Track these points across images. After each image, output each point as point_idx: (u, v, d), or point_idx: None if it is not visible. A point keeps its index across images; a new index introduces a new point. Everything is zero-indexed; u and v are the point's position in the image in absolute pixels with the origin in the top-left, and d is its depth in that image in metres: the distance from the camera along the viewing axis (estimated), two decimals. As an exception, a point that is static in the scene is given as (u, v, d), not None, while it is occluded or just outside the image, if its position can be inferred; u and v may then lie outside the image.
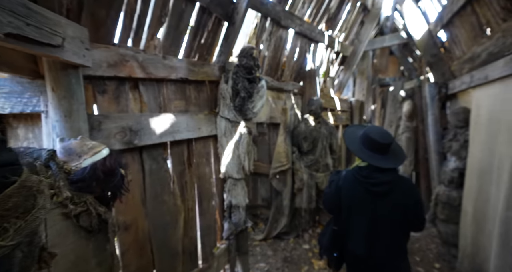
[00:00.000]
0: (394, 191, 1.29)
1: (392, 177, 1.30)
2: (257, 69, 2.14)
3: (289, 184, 3.09)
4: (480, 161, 2.18)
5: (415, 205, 1.31)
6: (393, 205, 1.29)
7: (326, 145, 3.04)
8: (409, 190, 1.33)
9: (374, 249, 1.33)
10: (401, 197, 1.29)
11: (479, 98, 2.24)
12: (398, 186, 1.30)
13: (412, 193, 1.33)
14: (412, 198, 1.31)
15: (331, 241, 1.49)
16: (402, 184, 1.32)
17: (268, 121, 3.05)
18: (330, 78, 3.99)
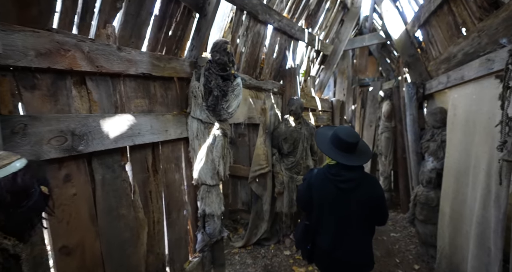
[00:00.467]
0: (360, 187, 1.39)
1: (358, 175, 1.40)
2: (232, 65, 1.98)
3: (269, 188, 2.97)
4: (457, 161, 2.19)
5: (379, 200, 1.42)
6: (359, 201, 1.39)
7: (307, 147, 2.96)
8: (373, 186, 1.43)
9: (341, 243, 1.43)
10: (366, 193, 1.39)
11: (456, 98, 2.25)
12: (364, 183, 1.40)
13: (376, 189, 1.43)
14: (376, 194, 1.42)
15: (304, 235, 1.58)
16: (367, 181, 1.43)
17: (246, 121, 2.91)
18: (311, 77, 3.93)
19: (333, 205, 1.43)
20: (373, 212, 1.42)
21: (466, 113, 2.08)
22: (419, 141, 2.89)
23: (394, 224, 3.79)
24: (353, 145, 1.40)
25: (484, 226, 1.83)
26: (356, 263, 1.47)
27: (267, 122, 2.92)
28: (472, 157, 2.02)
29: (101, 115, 1.24)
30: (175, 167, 1.88)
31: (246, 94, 2.65)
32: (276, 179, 2.93)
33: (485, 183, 1.82)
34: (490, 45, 1.72)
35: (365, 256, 1.48)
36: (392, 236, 3.31)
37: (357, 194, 1.39)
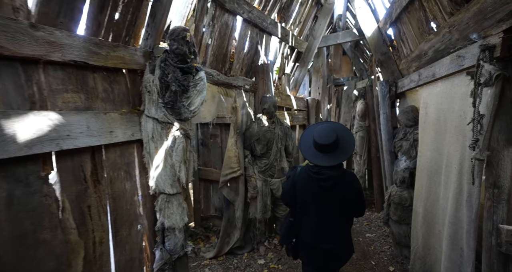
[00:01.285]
0: (339, 183, 1.50)
1: (338, 172, 1.49)
2: (193, 57, 1.76)
3: (242, 193, 2.78)
4: (430, 160, 2.19)
5: (358, 195, 1.55)
6: (340, 196, 1.50)
7: (282, 148, 2.82)
8: (352, 182, 1.55)
9: (324, 236, 1.55)
10: (346, 189, 1.51)
11: (427, 96, 2.25)
12: (343, 179, 1.52)
13: (355, 184, 1.55)
14: (355, 189, 1.54)
15: (288, 231, 1.68)
16: (346, 177, 1.54)
17: (215, 121, 2.69)
18: (286, 75, 3.82)
19: (315, 201, 1.53)
20: (352, 205, 1.54)
21: (438, 111, 2.07)
22: (392, 140, 2.89)
23: (369, 223, 3.82)
24: (328, 146, 1.48)
25: (456, 226, 1.82)
26: (339, 253, 1.61)
27: (239, 122, 2.73)
28: (444, 156, 2.01)
29: (3, 112, 0.95)
30: (125, 175, 1.62)
31: (214, 91, 2.44)
32: (249, 183, 2.75)
33: (457, 182, 1.81)
34: (460, 41, 1.70)
35: (346, 246, 1.62)
36: (368, 237, 3.31)
37: (337, 190, 1.49)
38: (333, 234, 1.55)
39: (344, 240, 1.60)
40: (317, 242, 1.55)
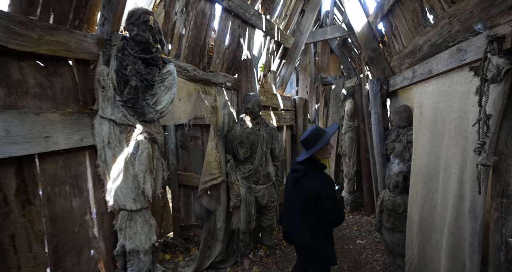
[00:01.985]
0: (303, 178, 1.61)
1: (305, 167, 1.62)
2: (160, 46, 1.49)
3: (224, 202, 2.52)
4: (426, 164, 2.03)
5: (318, 195, 1.53)
6: (301, 190, 1.60)
7: (267, 151, 2.59)
8: (313, 180, 1.58)
9: (292, 226, 1.71)
10: (306, 184, 1.59)
11: (422, 95, 2.10)
12: (307, 175, 1.60)
13: (316, 183, 1.56)
14: (314, 188, 1.54)
15: (281, 214, 1.90)
16: (310, 174, 1.60)
17: (192, 122, 2.42)
18: (272, 73, 3.59)
19: (290, 193, 1.72)
20: (313, 205, 1.56)
21: (434, 111, 1.92)
22: (384, 142, 2.74)
23: (359, 228, 3.68)
24: (304, 143, 1.66)
25: (457, 237, 1.66)
26: (306, 248, 1.71)
27: (219, 123, 2.47)
28: (441, 160, 1.86)
29: None
30: (71, 190, 1.32)
31: (190, 88, 2.16)
32: (231, 191, 2.49)
33: (457, 189, 1.65)
34: (462, 33, 1.53)
35: (314, 245, 1.65)
36: (359, 244, 3.15)
37: (301, 184, 1.61)
38: (298, 227, 1.69)
39: (305, 235, 1.65)
40: (287, 229, 1.76)
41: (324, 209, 1.52)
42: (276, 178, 2.74)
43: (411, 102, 2.42)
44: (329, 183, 1.57)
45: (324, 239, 1.63)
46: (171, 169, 3.53)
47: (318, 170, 1.63)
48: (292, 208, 1.69)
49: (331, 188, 1.56)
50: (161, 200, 3.51)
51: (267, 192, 2.58)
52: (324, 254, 1.64)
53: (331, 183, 1.59)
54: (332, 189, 1.56)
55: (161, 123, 1.89)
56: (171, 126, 3.47)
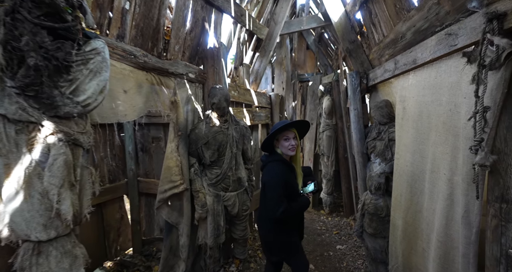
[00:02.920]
0: (263, 170, 1.73)
1: (265, 158, 1.75)
2: (81, 13, 1.11)
3: (188, 213, 2.17)
4: (410, 164, 1.86)
5: (264, 186, 1.66)
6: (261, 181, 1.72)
7: (238, 153, 2.28)
8: (266, 172, 1.69)
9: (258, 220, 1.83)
10: (263, 177, 1.71)
11: (405, 88, 1.94)
12: (266, 167, 1.71)
13: (266, 174, 1.68)
14: (264, 179, 1.68)
15: None
16: (268, 166, 1.69)
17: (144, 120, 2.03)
18: (244, 66, 3.29)
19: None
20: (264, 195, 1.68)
21: (419, 105, 1.75)
22: (364, 140, 2.57)
23: (339, 231, 3.52)
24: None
25: (447, 246, 1.49)
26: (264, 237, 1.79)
27: (181, 121, 2.11)
28: (427, 159, 1.69)
29: None
30: None
31: (140, 78, 1.78)
32: (196, 200, 2.15)
33: (446, 192, 1.48)
34: (452, 15, 1.36)
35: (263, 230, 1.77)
36: (339, 250, 2.97)
37: (262, 176, 1.73)
38: (260, 218, 1.79)
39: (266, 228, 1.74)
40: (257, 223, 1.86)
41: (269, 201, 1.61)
42: (249, 183, 2.45)
43: (392, 96, 2.27)
44: (277, 175, 1.60)
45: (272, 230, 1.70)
46: (130, 176, 3.08)
47: (276, 163, 1.66)
48: (260, 200, 1.78)
49: (276, 181, 1.58)
50: (118, 212, 3.04)
51: (239, 199, 2.28)
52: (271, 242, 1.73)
53: (279, 176, 1.60)
54: (277, 182, 1.58)
55: (99, 120, 1.50)
56: (128, 126, 3.02)
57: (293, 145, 1.66)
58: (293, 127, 1.69)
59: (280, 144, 1.69)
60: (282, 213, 1.54)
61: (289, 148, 1.66)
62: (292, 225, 1.72)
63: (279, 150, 1.71)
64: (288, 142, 1.66)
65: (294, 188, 1.67)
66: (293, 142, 1.66)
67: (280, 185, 1.57)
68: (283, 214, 1.55)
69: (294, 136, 1.68)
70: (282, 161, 1.66)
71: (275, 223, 1.66)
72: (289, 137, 1.66)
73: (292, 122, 1.69)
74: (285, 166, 1.66)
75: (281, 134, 1.68)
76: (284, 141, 1.67)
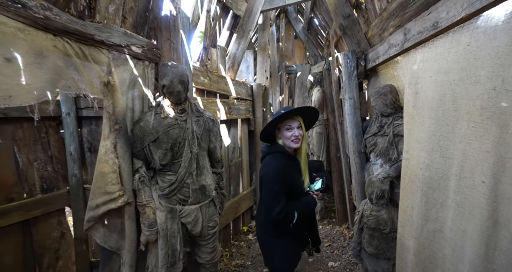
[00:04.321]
0: (262, 163, 1.52)
1: (265, 150, 1.54)
2: None
3: (131, 235, 1.64)
4: (426, 167, 1.41)
5: (261, 180, 1.45)
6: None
7: (201, 153, 1.77)
8: (263, 165, 1.48)
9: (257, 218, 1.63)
10: (260, 170, 1.49)
11: (418, 66, 1.49)
12: (265, 159, 1.51)
13: (263, 168, 1.47)
14: (261, 172, 1.46)
15: None
16: (267, 158, 1.50)
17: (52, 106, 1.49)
18: (219, 49, 2.77)
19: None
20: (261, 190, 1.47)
21: (440, 86, 1.30)
22: (362, 136, 2.12)
23: (331, 243, 3.08)
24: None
25: (488, 285, 1.05)
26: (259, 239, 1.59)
27: (119, 110, 1.57)
28: (453, 161, 1.24)
29: None
30: None
31: (40, 44, 1.23)
32: (142, 218, 1.62)
33: (487, 208, 1.04)
34: None
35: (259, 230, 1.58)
36: (331, 268, 2.52)
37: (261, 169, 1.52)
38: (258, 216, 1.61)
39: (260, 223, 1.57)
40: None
41: (264, 197, 1.44)
42: (218, 192, 1.94)
43: (398, 80, 1.82)
44: (276, 168, 1.40)
45: (269, 231, 1.50)
46: (73, 183, 2.49)
47: (276, 155, 1.46)
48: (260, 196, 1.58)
49: (276, 174, 1.38)
50: (56, 229, 2.45)
51: (203, 214, 1.76)
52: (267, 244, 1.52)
53: (279, 169, 1.40)
54: (276, 176, 1.38)
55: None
56: (69, 120, 2.43)
57: (297, 136, 1.43)
58: (297, 115, 1.45)
59: (282, 134, 1.47)
60: (279, 213, 1.35)
61: (291, 139, 1.44)
62: (297, 230, 1.48)
63: (280, 141, 1.49)
64: (291, 132, 1.44)
65: (297, 185, 1.46)
66: (297, 133, 1.44)
67: (278, 180, 1.38)
68: (280, 215, 1.35)
69: (299, 125, 1.45)
70: (284, 153, 1.46)
71: (273, 225, 1.46)
72: (292, 126, 1.44)
73: (297, 109, 1.44)
74: (287, 158, 1.45)
75: (283, 122, 1.45)
76: (286, 130, 1.45)
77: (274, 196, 1.36)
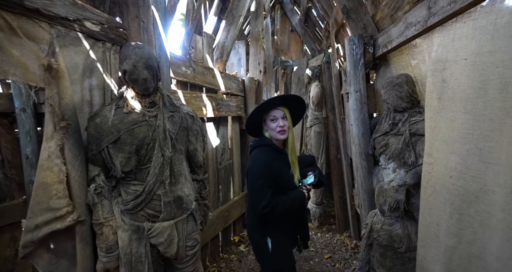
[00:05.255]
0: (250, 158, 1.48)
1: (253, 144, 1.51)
2: None
3: (85, 261, 1.30)
4: (458, 174, 1.12)
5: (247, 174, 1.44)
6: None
7: (177, 157, 1.45)
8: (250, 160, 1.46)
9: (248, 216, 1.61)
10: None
11: (447, 46, 1.19)
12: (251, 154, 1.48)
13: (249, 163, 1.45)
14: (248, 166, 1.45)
15: None
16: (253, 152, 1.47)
17: None
18: (206, 36, 2.45)
19: None
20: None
21: (481, 70, 1.01)
22: (369, 135, 1.82)
23: (331, 255, 2.79)
24: None
25: None
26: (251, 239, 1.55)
27: (66, 102, 1.24)
28: (500, 167, 0.95)
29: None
30: None
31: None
32: (99, 240, 1.29)
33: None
34: None
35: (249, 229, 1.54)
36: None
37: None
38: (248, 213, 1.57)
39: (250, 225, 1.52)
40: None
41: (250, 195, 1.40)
42: (201, 203, 1.62)
43: (416, 69, 1.53)
44: (260, 162, 1.37)
45: (259, 230, 1.46)
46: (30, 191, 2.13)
47: (263, 148, 1.44)
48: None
49: (261, 168, 1.36)
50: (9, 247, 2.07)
51: (179, 232, 1.44)
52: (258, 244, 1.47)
53: (264, 163, 1.36)
54: (261, 170, 1.35)
55: None
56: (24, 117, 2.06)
57: (282, 126, 1.39)
58: (281, 105, 1.42)
59: (267, 126, 1.45)
60: (265, 207, 1.32)
61: (277, 130, 1.40)
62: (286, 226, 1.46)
63: (267, 133, 1.47)
64: (276, 123, 1.41)
65: (286, 178, 1.43)
66: (282, 123, 1.40)
67: (262, 174, 1.35)
68: (266, 209, 1.32)
69: (283, 115, 1.41)
70: (270, 146, 1.43)
71: (261, 221, 1.44)
72: (276, 116, 1.41)
73: (279, 96, 1.43)
74: (273, 151, 1.43)
75: (268, 113, 1.43)
76: (271, 122, 1.42)
77: (259, 190, 1.34)
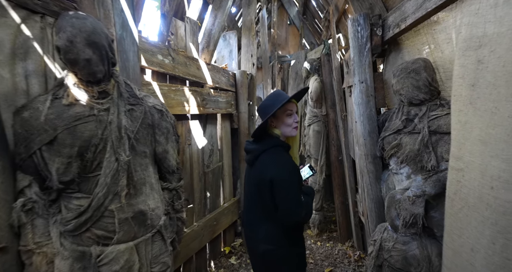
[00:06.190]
0: (256, 162, 1.30)
1: (257, 146, 1.31)
2: None
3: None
4: (503, 184, 0.84)
5: (271, 184, 1.21)
6: (253, 178, 1.30)
7: (141, 161, 1.17)
8: (266, 164, 1.26)
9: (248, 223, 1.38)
10: (257, 170, 1.28)
11: (484, 18, 0.90)
12: (260, 158, 1.28)
13: (268, 168, 1.23)
14: (266, 174, 1.21)
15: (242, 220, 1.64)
16: (264, 156, 1.28)
17: None
18: (189, 22, 2.17)
19: (246, 184, 1.43)
20: (267, 197, 1.23)
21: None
22: (377, 133, 1.54)
23: (333, 268, 2.51)
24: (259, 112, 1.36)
25: None
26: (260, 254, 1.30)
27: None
28: None
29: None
30: None
31: None
32: (27, 270, 1.00)
33: None
34: None
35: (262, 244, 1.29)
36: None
37: (253, 170, 1.32)
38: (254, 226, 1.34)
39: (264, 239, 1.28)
40: (245, 231, 1.42)
41: (282, 203, 1.20)
42: (173, 217, 1.33)
43: (436, 52, 1.24)
44: (287, 166, 1.23)
45: (283, 241, 1.28)
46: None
47: (275, 150, 1.27)
48: (250, 202, 1.37)
49: (290, 173, 1.22)
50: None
51: (141, 256, 1.15)
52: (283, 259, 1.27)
53: (290, 167, 1.23)
54: (291, 175, 1.22)
55: None
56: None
57: (297, 121, 1.33)
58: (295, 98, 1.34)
59: (282, 122, 1.31)
60: (306, 216, 1.24)
61: (294, 126, 1.32)
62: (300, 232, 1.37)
63: (277, 131, 1.31)
64: (292, 118, 1.32)
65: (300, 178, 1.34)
66: (297, 118, 1.34)
67: (297, 181, 1.25)
68: (307, 217, 1.25)
69: (297, 109, 1.35)
70: (283, 146, 1.31)
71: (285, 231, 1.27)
72: (292, 111, 1.32)
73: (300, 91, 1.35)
74: (286, 152, 1.32)
75: (281, 108, 1.28)
76: (287, 117, 1.31)
77: (297, 200, 1.22)
